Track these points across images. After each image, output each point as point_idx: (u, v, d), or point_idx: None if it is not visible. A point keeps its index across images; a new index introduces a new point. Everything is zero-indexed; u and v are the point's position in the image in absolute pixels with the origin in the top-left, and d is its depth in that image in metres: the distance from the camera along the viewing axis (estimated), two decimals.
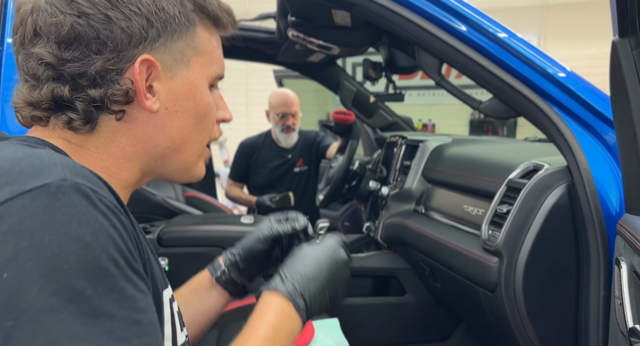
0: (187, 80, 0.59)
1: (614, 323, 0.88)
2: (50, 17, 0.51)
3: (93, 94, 0.53)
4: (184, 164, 0.63)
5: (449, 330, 1.76)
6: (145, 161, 0.59)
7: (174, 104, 0.58)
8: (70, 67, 0.52)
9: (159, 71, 0.56)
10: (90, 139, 0.56)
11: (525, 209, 1.06)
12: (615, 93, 0.80)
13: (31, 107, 0.54)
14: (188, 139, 0.61)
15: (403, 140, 1.88)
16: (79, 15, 0.51)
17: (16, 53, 0.56)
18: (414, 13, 1.08)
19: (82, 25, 0.51)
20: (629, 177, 0.81)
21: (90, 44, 0.52)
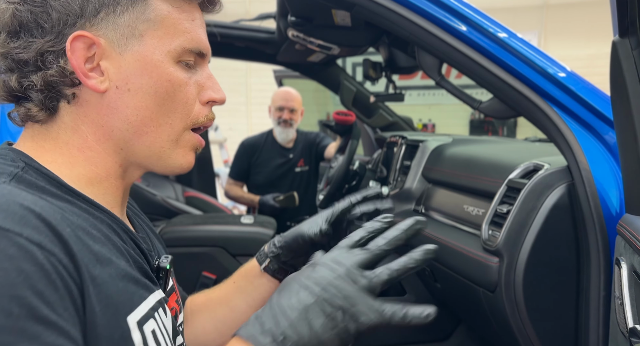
0: (139, 55, 0.54)
1: (614, 323, 0.88)
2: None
3: (35, 79, 0.51)
4: (151, 150, 0.57)
5: (449, 330, 1.76)
6: (113, 150, 0.56)
7: (125, 83, 0.54)
8: (18, 55, 0.51)
9: (103, 47, 0.53)
10: (54, 130, 0.54)
11: (525, 209, 1.06)
12: (615, 93, 0.80)
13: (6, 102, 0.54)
14: (150, 120, 0.56)
15: (403, 140, 1.88)
16: (19, 2, 0.51)
17: None
18: (414, 13, 1.08)
19: (22, 11, 0.51)
20: (629, 177, 0.81)
21: (32, 29, 0.51)
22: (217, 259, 1.72)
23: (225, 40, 2.30)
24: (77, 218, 0.49)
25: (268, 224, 1.85)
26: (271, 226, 1.85)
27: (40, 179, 0.51)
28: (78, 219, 0.49)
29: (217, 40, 2.32)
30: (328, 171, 2.19)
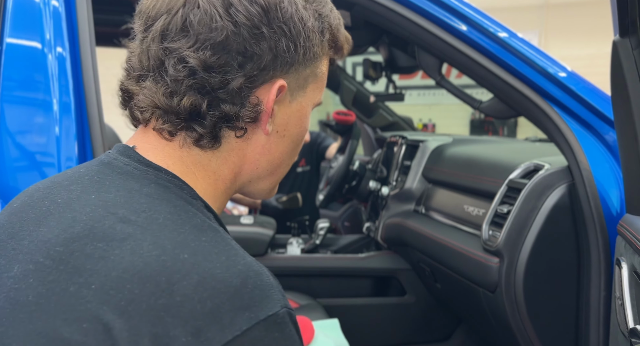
0: (300, 106, 0.56)
1: (614, 323, 0.87)
2: (208, 18, 0.47)
3: (227, 110, 0.49)
4: (271, 185, 0.60)
5: (449, 331, 1.76)
6: (242, 182, 0.57)
7: (284, 129, 0.55)
8: (214, 77, 0.48)
9: (282, 94, 0.53)
10: (213, 158, 0.52)
11: (525, 210, 1.05)
12: (615, 93, 0.80)
13: (162, 113, 0.49)
14: (284, 163, 0.58)
15: (403, 140, 1.88)
16: (235, 24, 0.47)
17: (146, 40, 0.49)
18: (414, 12, 1.08)
19: (237, 35, 0.48)
20: (630, 177, 0.81)
21: (237, 56, 0.48)
22: None
23: None
24: None
25: (268, 225, 1.85)
26: (271, 226, 1.85)
27: (214, 222, 0.49)
28: None
29: None
30: (328, 171, 2.19)
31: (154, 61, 0.49)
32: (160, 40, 0.48)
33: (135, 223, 0.44)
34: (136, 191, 0.47)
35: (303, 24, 0.51)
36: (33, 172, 0.95)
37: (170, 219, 0.45)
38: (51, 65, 0.97)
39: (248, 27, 0.48)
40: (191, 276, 0.41)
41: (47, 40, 0.98)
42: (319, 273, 1.74)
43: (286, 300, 0.44)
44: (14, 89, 0.96)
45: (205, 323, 0.39)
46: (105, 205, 0.46)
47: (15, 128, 0.96)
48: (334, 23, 0.55)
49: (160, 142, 0.51)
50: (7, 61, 0.96)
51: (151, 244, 0.42)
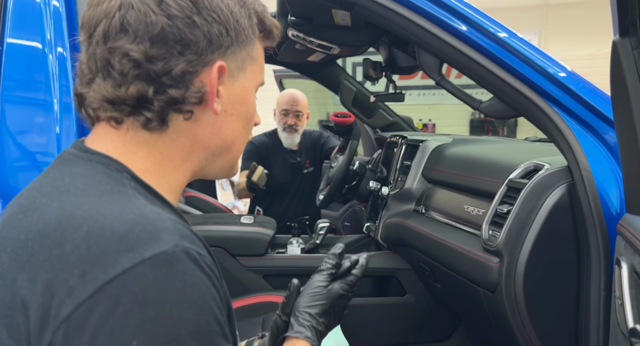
0: (243, 86, 0.62)
1: (614, 323, 0.88)
2: (143, 15, 0.52)
3: (173, 94, 0.54)
4: (230, 162, 0.65)
5: (449, 330, 1.76)
6: (198, 161, 0.61)
7: (231, 108, 0.61)
8: (156, 65, 0.53)
9: (225, 76, 0.59)
10: (152, 139, 0.57)
11: (525, 209, 1.06)
12: (615, 93, 0.80)
13: (111, 105, 0.54)
14: (237, 139, 0.64)
15: (403, 140, 1.88)
16: (168, 17, 0.53)
17: (91, 46, 0.54)
18: (414, 13, 1.08)
19: (171, 26, 0.53)
20: (630, 177, 0.81)
21: (175, 45, 0.54)
22: (217, 259, 1.71)
23: None
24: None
25: (268, 224, 1.85)
26: (271, 226, 1.85)
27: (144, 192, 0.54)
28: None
29: None
30: (328, 171, 2.19)
31: (101, 62, 0.54)
32: (103, 43, 0.53)
33: (50, 195, 0.51)
34: (66, 172, 0.53)
35: (230, 11, 0.57)
36: (33, 172, 0.95)
37: (80, 189, 0.51)
38: (52, 65, 0.97)
39: (180, 18, 0.54)
40: (82, 228, 0.46)
41: (48, 40, 0.98)
42: None
43: (188, 242, 0.48)
44: (15, 89, 0.96)
45: (90, 265, 0.43)
46: (38, 187, 0.53)
47: (16, 128, 0.96)
48: (259, 9, 0.62)
49: (107, 130, 0.56)
50: (7, 60, 0.96)
51: (55, 208, 0.49)
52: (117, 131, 0.56)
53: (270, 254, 1.77)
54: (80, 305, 0.42)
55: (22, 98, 0.97)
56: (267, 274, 1.73)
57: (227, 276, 1.62)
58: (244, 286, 1.69)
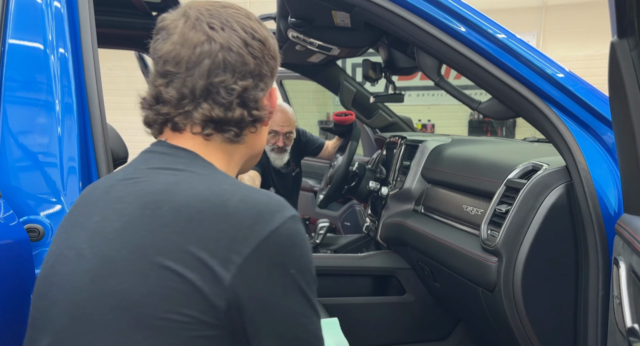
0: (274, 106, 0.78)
1: (612, 322, 0.88)
2: (239, 56, 0.69)
3: (257, 115, 0.72)
4: (256, 161, 0.82)
5: (448, 330, 1.77)
6: (245, 162, 0.78)
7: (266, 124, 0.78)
8: (249, 95, 0.70)
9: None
10: (231, 147, 0.73)
11: (524, 209, 1.06)
12: (613, 94, 0.81)
13: (212, 124, 0.69)
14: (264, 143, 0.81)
15: (403, 140, 1.89)
16: (253, 57, 0.70)
17: (191, 78, 0.68)
18: (413, 14, 1.08)
19: (256, 64, 0.70)
20: (628, 177, 0.82)
21: (256, 77, 0.71)
22: None
23: None
24: None
25: None
26: None
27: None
28: None
29: None
30: (328, 171, 2.20)
31: (202, 91, 0.68)
32: (207, 77, 0.68)
33: (181, 173, 0.65)
34: (172, 160, 0.68)
35: (275, 47, 0.75)
36: (35, 172, 0.95)
37: (203, 173, 0.66)
38: (53, 66, 0.98)
39: (259, 58, 0.71)
40: (235, 196, 0.62)
41: (50, 41, 0.98)
42: (319, 272, 1.73)
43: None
44: (17, 89, 0.96)
45: (255, 221, 0.60)
46: (154, 167, 0.67)
47: (18, 128, 0.96)
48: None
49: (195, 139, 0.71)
50: (9, 61, 0.96)
51: (198, 182, 0.64)
52: (204, 140, 0.70)
53: None
54: (255, 248, 0.58)
55: (24, 99, 0.97)
56: None
57: None
58: None
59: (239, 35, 0.69)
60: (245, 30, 0.70)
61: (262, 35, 0.72)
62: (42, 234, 0.91)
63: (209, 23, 0.68)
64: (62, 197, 0.94)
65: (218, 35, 0.68)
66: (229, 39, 0.68)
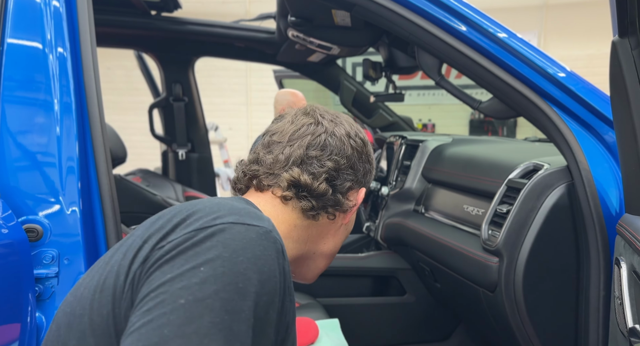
0: (356, 208, 0.80)
1: (613, 322, 0.88)
2: (340, 143, 0.75)
3: (338, 199, 0.75)
4: (315, 270, 0.81)
5: (448, 330, 1.76)
6: (309, 250, 0.78)
7: (347, 224, 0.80)
8: (338, 176, 0.75)
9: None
10: (304, 223, 0.75)
11: (525, 209, 1.06)
12: (615, 93, 0.80)
13: (294, 188, 0.73)
14: (336, 249, 0.81)
15: (403, 140, 1.88)
16: (352, 148, 0.76)
17: (290, 147, 0.74)
18: (414, 13, 1.08)
19: (352, 156, 0.76)
20: (629, 177, 0.81)
21: (349, 168, 0.76)
22: None
23: (225, 41, 2.30)
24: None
25: None
26: None
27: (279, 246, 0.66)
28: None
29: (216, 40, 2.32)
30: None
31: (295, 158, 0.74)
32: (305, 148, 0.74)
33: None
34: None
35: (372, 158, 0.81)
36: (34, 172, 0.95)
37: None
38: (52, 65, 0.97)
39: (358, 152, 0.78)
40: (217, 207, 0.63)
41: (48, 40, 0.98)
42: None
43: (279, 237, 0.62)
44: (15, 89, 0.96)
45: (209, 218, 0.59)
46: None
47: (16, 128, 0.96)
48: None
49: (274, 201, 0.75)
50: (8, 61, 0.96)
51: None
52: (281, 203, 0.74)
53: None
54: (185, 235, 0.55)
55: (23, 98, 0.97)
56: None
57: None
58: None
59: (344, 128, 0.77)
60: (352, 127, 0.78)
61: (364, 138, 0.79)
62: (41, 234, 0.91)
63: (321, 114, 0.78)
64: (60, 197, 0.94)
65: (326, 122, 0.76)
66: (335, 128, 0.76)
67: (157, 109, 2.74)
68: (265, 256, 0.55)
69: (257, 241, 0.56)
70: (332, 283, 1.74)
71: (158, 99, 2.72)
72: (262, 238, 0.56)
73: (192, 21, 2.27)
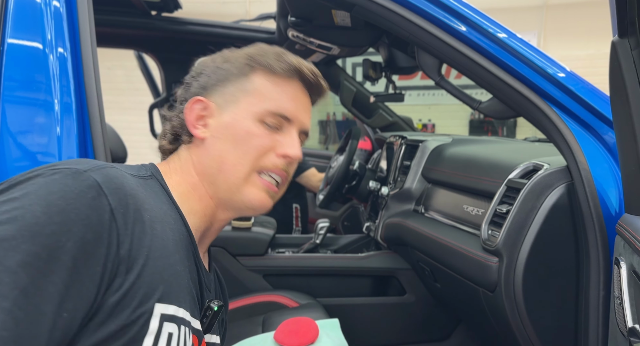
0: (233, 115, 0.74)
1: (613, 322, 0.88)
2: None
3: (173, 124, 0.77)
4: (228, 184, 0.73)
5: (448, 330, 1.76)
6: (207, 182, 0.74)
7: (218, 132, 0.74)
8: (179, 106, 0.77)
9: (212, 109, 0.74)
10: (175, 159, 0.76)
11: (525, 209, 1.06)
12: (614, 93, 0.80)
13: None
14: (227, 159, 0.73)
15: (403, 140, 1.88)
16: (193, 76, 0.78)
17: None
18: (413, 13, 1.08)
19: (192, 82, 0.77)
20: (629, 177, 0.81)
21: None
22: (217, 259, 1.72)
23: (225, 41, 2.29)
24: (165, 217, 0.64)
25: (268, 225, 1.86)
26: (271, 226, 1.85)
27: (158, 190, 0.68)
28: (165, 218, 0.64)
29: (216, 41, 2.32)
30: (328, 171, 2.20)
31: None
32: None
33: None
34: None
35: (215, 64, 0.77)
36: None
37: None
38: (52, 65, 0.98)
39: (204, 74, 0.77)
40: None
41: (49, 40, 0.98)
42: (319, 273, 1.74)
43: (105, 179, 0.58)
44: (15, 89, 0.96)
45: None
46: None
47: (17, 128, 0.96)
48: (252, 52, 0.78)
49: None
50: (8, 61, 0.96)
51: None
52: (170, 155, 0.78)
53: (270, 254, 1.77)
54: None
55: (23, 98, 0.97)
56: (267, 274, 1.73)
57: (227, 276, 1.62)
58: (244, 286, 1.69)
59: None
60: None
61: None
62: None
63: None
64: None
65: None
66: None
67: (157, 109, 2.74)
68: (62, 193, 0.52)
69: (59, 180, 0.54)
70: (332, 282, 1.74)
71: (158, 99, 2.72)
72: (66, 177, 0.54)
73: (192, 21, 2.27)
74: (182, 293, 0.63)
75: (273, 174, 0.75)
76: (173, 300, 0.60)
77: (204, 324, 0.72)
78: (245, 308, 1.60)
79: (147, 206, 0.61)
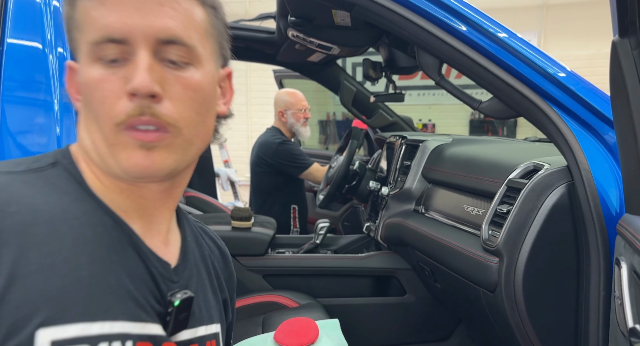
0: (80, 66, 0.54)
1: (614, 323, 0.88)
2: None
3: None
4: (96, 153, 0.55)
5: (449, 330, 1.76)
6: (90, 156, 0.57)
7: (80, 96, 0.56)
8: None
9: (75, 70, 0.57)
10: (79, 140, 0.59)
11: (525, 209, 1.06)
12: (615, 93, 0.80)
13: None
14: (83, 125, 0.57)
15: (403, 140, 1.88)
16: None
17: None
18: (414, 13, 1.08)
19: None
20: (629, 177, 0.81)
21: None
22: None
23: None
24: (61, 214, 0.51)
25: (268, 224, 1.86)
26: (271, 226, 1.85)
27: (62, 179, 0.55)
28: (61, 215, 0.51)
29: None
30: (328, 171, 2.20)
31: None
32: None
33: None
34: None
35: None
36: None
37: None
38: (52, 65, 0.98)
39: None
40: None
41: (48, 40, 0.98)
42: (319, 273, 1.74)
43: None
44: (15, 89, 0.96)
45: None
46: None
47: (17, 128, 0.96)
48: None
49: None
50: (8, 61, 0.96)
51: None
52: None
53: (270, 254, 1.77)
54: None
55: (23, 98, 0.97)
56: (267, 274, 1.73)
57: None
58: (244, 286, 1.69)
59: None
60: None
61: None
62: None
63: None
64: None
65: None
66: None
67: None
68: None
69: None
70: (332, 283, 1.74)
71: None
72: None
73: None
74: (103, 301, 0.50)
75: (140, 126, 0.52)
76: (76, 316, 0.48)
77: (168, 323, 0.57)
78: (245, 308, 1.60)
79: (12, 210, 0.49)
